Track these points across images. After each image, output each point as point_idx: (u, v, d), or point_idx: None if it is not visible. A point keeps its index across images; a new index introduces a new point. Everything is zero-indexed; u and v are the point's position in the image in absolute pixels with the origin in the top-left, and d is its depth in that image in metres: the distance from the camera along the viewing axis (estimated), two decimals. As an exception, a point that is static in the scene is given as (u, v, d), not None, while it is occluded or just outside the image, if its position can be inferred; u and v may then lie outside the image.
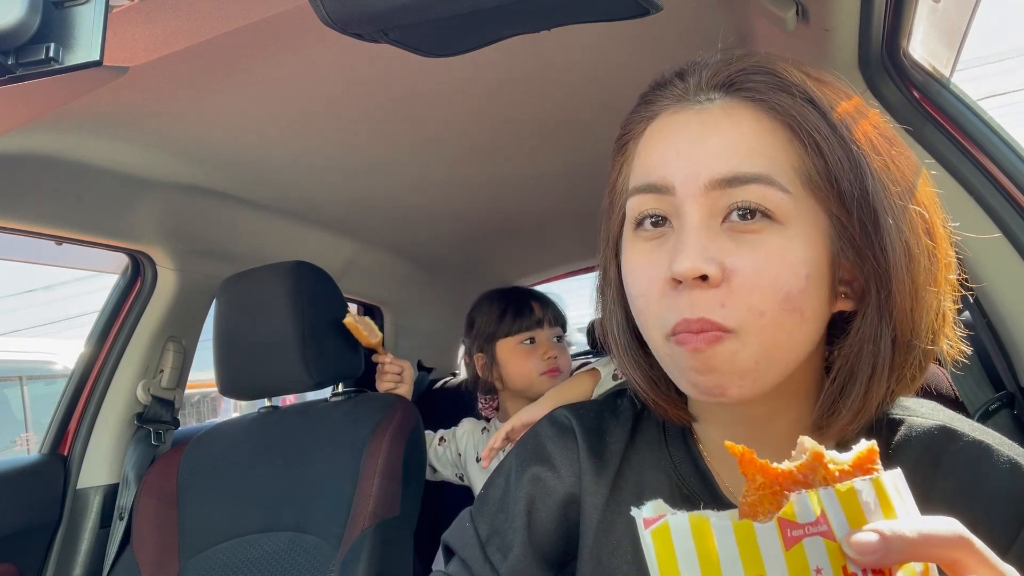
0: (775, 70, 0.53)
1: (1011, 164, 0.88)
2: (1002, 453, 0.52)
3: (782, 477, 0.35)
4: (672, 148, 0.53)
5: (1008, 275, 0.89)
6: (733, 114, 0.52)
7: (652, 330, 0.54)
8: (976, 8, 0.87)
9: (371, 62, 1.05)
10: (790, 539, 0.33)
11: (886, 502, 0.34)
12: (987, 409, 0.97)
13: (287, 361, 1.35)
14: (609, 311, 0.62)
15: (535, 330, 1.55)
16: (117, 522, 1.46)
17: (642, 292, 0.53)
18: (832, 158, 0.50)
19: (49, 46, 0.47)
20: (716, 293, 0.49)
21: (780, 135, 0.51)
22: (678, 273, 0.49)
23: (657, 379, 0.60)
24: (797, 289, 0.49)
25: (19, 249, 1.39)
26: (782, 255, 0.49)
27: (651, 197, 0.53)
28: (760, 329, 0.49)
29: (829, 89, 0.53)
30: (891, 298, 0.50)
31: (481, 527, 0.64)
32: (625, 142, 0.60)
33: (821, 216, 0.51)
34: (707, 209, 0.51)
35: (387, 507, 1.26)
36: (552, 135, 1.41)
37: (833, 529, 0.33)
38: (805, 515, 0.33)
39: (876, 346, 0.51)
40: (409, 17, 0.57)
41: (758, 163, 0.50)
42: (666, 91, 0.56)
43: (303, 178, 1.48)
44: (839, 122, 0.51)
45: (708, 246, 0.49)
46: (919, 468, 0.53)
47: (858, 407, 0.52)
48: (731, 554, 0.33)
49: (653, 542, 0.35)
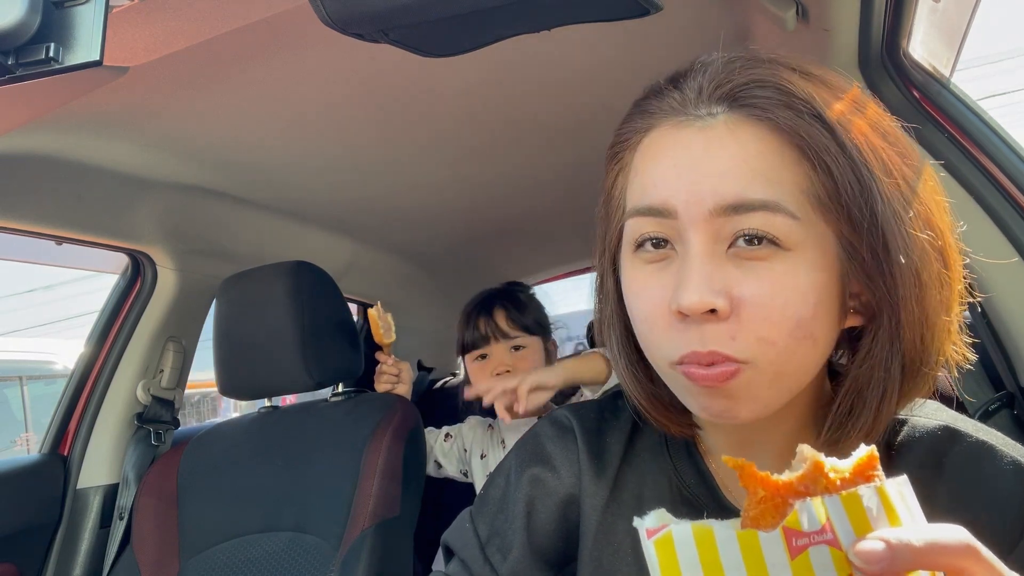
0: (780, 84, 0.49)
1: (1011, 164, 0.88)
2: (1006, 453, 0.52)
3: (784, 489, 0.34)
4: (673, 169, 0.50)
5: (1008, 275, 0.89)
6: (738, 133, 0.49)
7: (658, 357, 0.52)
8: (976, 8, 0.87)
9: (371, 62, 1.05)
10: (795, 548, 0.32)
11: (890, 509, 0.34)
12: (987, 409, 0.97)
13: (287, 361, 1.35)
14: (608, 325, 0.60)
15: (483, 347, 1.54)
16: (117, 522, 1.46)
17: (645, 318, 0.52)
18: (842, 181, 0.48)
19: (49, 46, 0.47)
20: (726, 326, 0.48)
21: (787, 155, 0.49)
22: (685, 308, 0.47)
23: (659, 396, 0.59)
24: (808, 316, 0.48)
25: (19, 249, 1.39)
26: (790, 282, 0.48)
27: (652, 220, 0.51)
28: (772, 359, 0.48)
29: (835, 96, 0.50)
30: (900, 327, 0.49)
31: (481, 527, 0.64)
32: (620, 150, 0.57)
33: (830, 238, 0.49)
34: (711, 235, 0.48)
35: (387, 507, 1.26)
36: (552, 135, 1.41)
37: (839, 537, 0.32)
38: (811, 524, 0.33)
39: (887, 372, 0.50)
40: (409, 17, 0.57)
41: (765, 188, 0.48)
42: (663, 101, 0.53)
43: (303, 178, 1.48)
44: (849, 141, 0.48)
45: (714, 276, 0.48)
46: (922, 468, 0.53)
47: (868, 428, 0.51)
48: (735, 563, 0.33)
49: (656, 552, 0.34)
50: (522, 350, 1.54)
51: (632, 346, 0.58)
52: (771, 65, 0.51)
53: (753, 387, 0.49)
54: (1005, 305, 0.92)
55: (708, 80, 0.51)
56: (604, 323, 0.61)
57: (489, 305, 1.57)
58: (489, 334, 1.53)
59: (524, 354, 1.54)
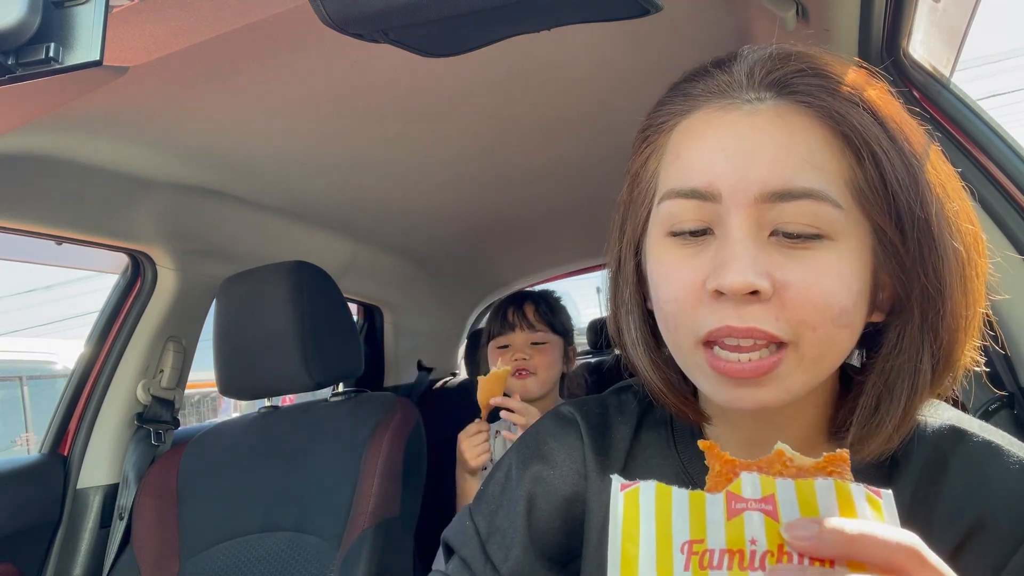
0: (829, 72, 0.49)
1: (1011, 164, 0.88)
2: (1011, 453, 0.52)
3: (740, 466, 0.38)
4: (720, 152, 0.49)
5: (1008, 275, 0.89)
6: (787, 119, 0.49)
7: (682, 336, 0.52)
8: (976, 8, 0.87)
9: (371, 62, 1.05)
10: (733, 510, 0.36)
11: (847, 505, 0.35)
12: (987, 409, 0.97)
13: (287, 361, 1.35)
14: (625, 310, 0.59)
15: (507, 334, 1.60)
16: (117, 522, 1.46)
17: (675, 298, 0.51)
18: (891, 173, 0.47)
19: (49, 46, 0.47)
20: (768, 307, 0.47)
21: (834, 145, 0.48)
22: (728, 287, 0.47)
23: (676, 381, 0.58)
24: (850, 305, 0.48)
25: (19, 249, 1.39)
26: (835, 269, 0.47)
27: (692, 204, 0.50)
28: (811, 344, 0.48)
29: (874, 87, 0.50)
30: (940, 318, 0.49)
31: (481, 524, 0.64)
32: (654, 133, 0.56)
33: (867, 230, 0.49)
34: (755, 220, 0.48)
35: (387, 507, 1.26)
36: (552, 135, 1.41)
37: (779, 511, 0.35)
38: (752, 492, 0.36)
39: (916, 364, 0.50)
40: (409, 17, 0.57)
41: (811, 176, 0.47)
42: (706, 83, 0.52)
43: (303, 178, 1.48)
44: (898, 132, 0.48)
45: (759, 259, 0.47)
46: (928, 467, 0.53)
47: (897, 423, 0.51)
48: (682, 516, 0.37)
49: (623, 502, 0.38)
50: (542, 346, 1.58)
51: (650, 331, 0.58)
52: (816, 56, 0.51)
53: (787, 372, 0.48)
54: (1005, 305, 0.92)
55: (759, 66, 0.51)
56: (620, 308, 0.60)
57: (521, 300, 1.64)
58: (516, 323, 1.59)
59: (544, 349, 1.58)
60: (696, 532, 0.36)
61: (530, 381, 1.54)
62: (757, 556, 0.35)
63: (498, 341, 1.61)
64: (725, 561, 0.35)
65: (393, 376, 2.37)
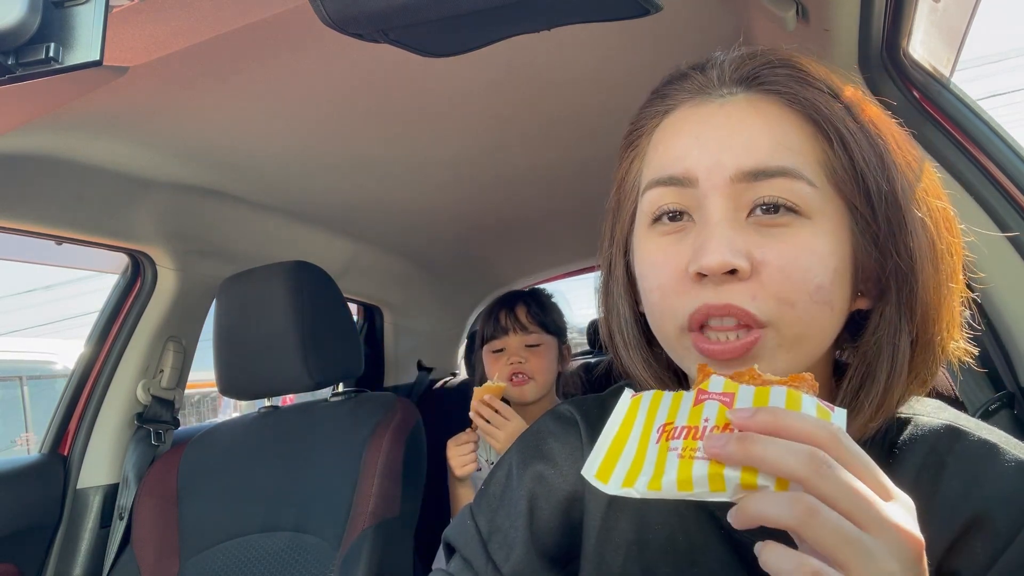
0: (798, 63, 0.52)
1: (1011, 164, 0.88)
2: (1008, 452, 0.52)
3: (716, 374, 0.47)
4: (694, 140, 0.52)
5: (1008, 275, 0.89)
6: (760, 108, 0.51)
7: (667, 322, 0.53)
8: (976, 8, 0.86)
9: (371, 62, 1.05)
10: (698, 400, 0.45)
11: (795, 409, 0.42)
12: (987, 409, 0.97)
13: (287, 361, 1.35)
14: (615, 308, 0.61)
15: (501, 338, 1.59)
16: (117, 522, 1.46)
17: (659, 286, 0.53)
18: (858, 154, 0.50)
19: (49, 46, 0.47)
20: (746, 286, 0.49)
21: (806, 129, 0.51)
22: (706, 267, 0.48)
23: (666, 378, 0.60)
24: (827, 281, 0.49)
25: (19, 249, 1.39)
26: (810, 246, 0.49)
27: (671, 190, 0.52)
28: (792, 320, 0.49)
29: (844, 82, 0.53)
30: (914, 295, 0.50)
31: (482, 523, 0.64)
32: (636, 137, 0.58)
33: (844, 212, 0.51)
34: (732, 202, 0.50)
35: (387, 507, 1.26)
36: (552, 135, 1.41)
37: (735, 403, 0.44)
38: (715, 387, 0.45)
39: (895, 344, 0.51)
40: (409, 17, 0.57)
41: (785, 156, 0.50)
42: (683, 84, 0.55)
43: (303, 178, 1.48)
44: (864, 117, 0.51)
45: (735, 239, 0.49)
46: (925, 466, 0.53)
47: (878, 403, 0.52)
48: (664, 408, 0.46)
49: (629, 404, 0.48)
50: (537, 348, 1.57)
51: (639, 328, 0.60)
52: (783, 52, 0.54)
53: (770, 351, 0.50)
54: (1005, 305, 0.92)
55: (729, 63, 0.54)
56: (611, 307, 0.62)
57: (512, 301, 1.62)
58: (509, 326, 1.58)
59: (539, 352, 1.58)
60: (671, 417, 0.45)
61: (528, 387, 1.54)
62: (707, 431, 0.43)
63: (492, 345, 1.60)
64: (684, 434, 0.43)
65: (393, 376, 2.37)
